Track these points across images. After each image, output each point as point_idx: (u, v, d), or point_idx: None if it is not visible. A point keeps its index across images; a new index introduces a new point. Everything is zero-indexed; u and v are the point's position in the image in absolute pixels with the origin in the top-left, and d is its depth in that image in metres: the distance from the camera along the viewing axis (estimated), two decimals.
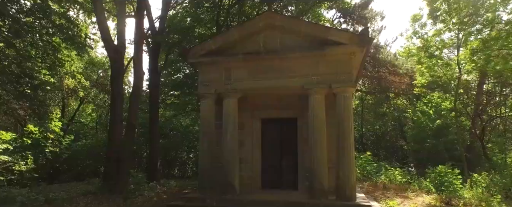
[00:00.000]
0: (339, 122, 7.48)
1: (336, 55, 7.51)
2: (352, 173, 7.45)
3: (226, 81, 8.20)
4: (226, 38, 8.42)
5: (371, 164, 15.67)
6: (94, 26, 16.87)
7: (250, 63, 8.11)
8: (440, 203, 8.26)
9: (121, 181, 9.91)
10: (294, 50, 7.79)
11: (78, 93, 18.46)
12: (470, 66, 12.91)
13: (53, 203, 8.39)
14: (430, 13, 14.52)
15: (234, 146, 8.11)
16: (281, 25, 8.06)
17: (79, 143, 18.51)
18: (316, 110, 7.62)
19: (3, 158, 11.63)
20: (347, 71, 7.46)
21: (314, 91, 7.61)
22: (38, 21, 9.91)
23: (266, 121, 9.25)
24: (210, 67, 8.35)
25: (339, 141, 7.44)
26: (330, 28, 10.07)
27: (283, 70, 7.88)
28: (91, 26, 16.83)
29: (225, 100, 8.20)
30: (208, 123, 8.37)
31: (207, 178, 8.36)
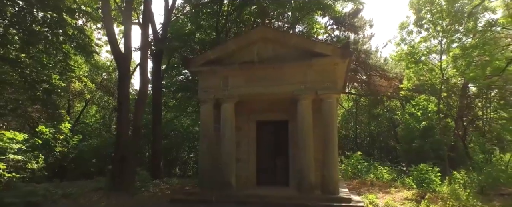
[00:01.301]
0: (325, 125, 8.42)
1: (322, 65, 8.44)
2: (335, 171, 8.40)
3: (224, 88, 9.13)
4: (224, 49, 9.36)
5: (362, 163, 16.63)
6: (99, 32, 17.80)
7: (245, 72, 9.04)
8: (416, 197, 9.19)
9: (128, 178, 10.81)
10: (285, 60, 8.73)
11: (84, 95, 19.37)
12: (452, 72, 13.85)
13: (69, 197, 9.31)
14: (416, 22, 15.47)
15: (231, 148, 9.04)
16: (273, 38, 9.00)
17: (85, 143, 19.41)
18: (304, 114, 8.56)
19: (17, 157, 12.55)
20: (332, 79, 8.40)
21: (303, 97, 8.55)
22: (51, 31, 10.80)
23: (261, 123, 10.19)
24: (209, 75, 9.28)
25: (324, 142, 8.39)
26: (317, 41, 11.05)
27: (275, 78, 8.81)
28: (96, 31, 17.77)
29: (223, 105, 9.13)
30: (207, 126, 9.30)
31: (206, 176, 9.28)
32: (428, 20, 14.78)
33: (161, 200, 9.65)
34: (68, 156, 17.86)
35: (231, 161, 9.06)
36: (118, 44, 11.82)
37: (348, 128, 28.11)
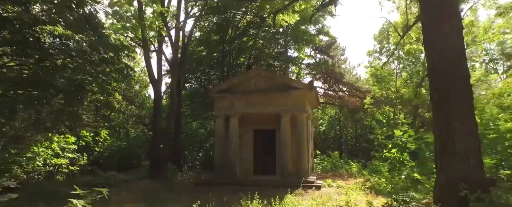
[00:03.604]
0: (298, 134, 12.83)
1: (296, 95, 12.85)
2: (305, 164, 12.80)
3: (231, 108, 13.52)
4: (231, 82, 13.77)
5: (339, 160, 21.17)
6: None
7: (246, 98, 13.43)
8: (362, 181, 13.54)
9: (162, 170, 15.24)
10: (273, 90, 13.12)
11: (114, 106, 23.76)
12: (402, 90, 18.25)
13: (126, 182, 13.68)
14: (380, 50, 19.88)
15: (236, 149, 13.43)
16: (265, 75, 13.40)
17: (115, 145, 23.84)
18: (285, 126, 12.96)
19: (72, 155, 16.97)
20: (302, 104, 12.80)
21: (284, 115, 12.94)
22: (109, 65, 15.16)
23: (257, 132, 14.58)
24: (221, 99, 13.68)
25: (298, 145, 12.78)
26: (293, 79, 15.51)
27: (266, 102, 13.20)
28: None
29: (231, 120, 13.53)
30: (220, 134, 13.71)
31: (219, 168, 13.66)
32: (387, 50, 19.19)
33: (188, 184, 14.04)
34: (103, 154, 22.37)
35: (236, 158, 13.46)
36: (153, 73, 16.24)
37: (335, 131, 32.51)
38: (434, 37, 5.78)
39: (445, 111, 5.32)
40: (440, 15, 5.74)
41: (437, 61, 5.72)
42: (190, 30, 22.39)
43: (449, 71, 5.47)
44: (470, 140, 5.01)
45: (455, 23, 5.61)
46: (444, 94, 5.42)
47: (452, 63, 5.46)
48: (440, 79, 5.61)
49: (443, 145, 5.18)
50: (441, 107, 5.42)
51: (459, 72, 5.43)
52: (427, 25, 6.12)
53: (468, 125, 5.08)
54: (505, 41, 13.64)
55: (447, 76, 5.46)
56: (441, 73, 5.61)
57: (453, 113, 5.18)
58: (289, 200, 8.08)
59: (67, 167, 16.67)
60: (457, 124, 5.05)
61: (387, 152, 8.70)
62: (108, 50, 14.53)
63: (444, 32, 5.57)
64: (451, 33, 5.54)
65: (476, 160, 4.97)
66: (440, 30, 5.65)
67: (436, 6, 5.80)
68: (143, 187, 12.99)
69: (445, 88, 5.46)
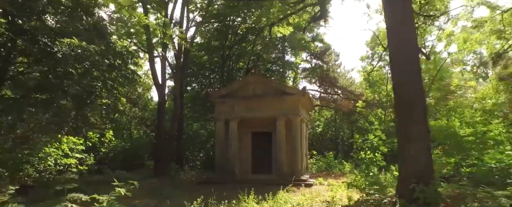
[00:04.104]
0: (293, 136, 13.89)
1: (290, 100, 13.91)
2: (298, 164, 13.87)
3: (231, 112, 14.59)
4: (231, 87, 14.84)
5: (333, 160, 22.27)
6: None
7: (245, 102, 14.49)
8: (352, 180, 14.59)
9: (166, 169, 16.31)
10: (269, 96, 14.18)
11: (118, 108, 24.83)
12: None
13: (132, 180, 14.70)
14: (372, 56, 20.97)
15: (235, 150, 14.50)
16: (262, 81, 14.48)
17: (119, 145, 24.90)
18: (280, 129, 14.02)
19: (80, 155, 18.04)
20: (296, 108, 13.87)
21: (279, 119, 14.01)
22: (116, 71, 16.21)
23: (255, 134, 15.64)
24: (222, 104, 14.75)
25: (292, 146, 13.85)
26: (287, 86, 16.62)
27: (263, 107, 14.27)
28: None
29: (230, 123, 14.59)
30: (220, 136, 14.78)
31: (220, 168, 14.72)
32: (379, 55, 20.26)
33: (190, 183, 15.11)
34: (108, 155, 23.46)
35: (236, 159, 14.52)
36: (157, 78, 17.31)
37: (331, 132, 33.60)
38: (396, 57, 6.86)
39: (403, 118, 6.40)
40: (401, 41, 6.82)
41: (397, 74, 6.80)
42: (192, 36, 23.48)
43: (406, 83, 6.53)
44: (421, 144, 6.06)
45: (412, 46, 6.70)
46: (402, 104, 6.49)
47: (408, 76, 6.52)
48: (399, 90, 6.68)
49: (402, 148, 6.26)
50: (401, 114, 6.50)
51: (414, 84, 6.49)
52: (390, 48, 7.21)
53: (420, 131, 6.13)
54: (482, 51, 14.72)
55: (405, 89, 6.53)
56: (400, 85, 6.68)
57: (409, 120, 6.25)
58: (281, 196, 9.14)
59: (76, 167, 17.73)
60: (412, 129, 6.12)
61: (363, 153, 9.78)
62: (115, 57, 15.62)
63: (403, 56, 6.65)
64: (408, 56, 6.62)
65: (426, 160, 6.03)
66: (399, 54, 6.74)
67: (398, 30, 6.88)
68: (149, 185, 14.04)
69: (403, 99, 6.53)
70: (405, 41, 6.64)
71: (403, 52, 6.63)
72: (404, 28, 6.67)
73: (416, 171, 5.83)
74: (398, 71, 6.79)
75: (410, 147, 6.05)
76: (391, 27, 7.01)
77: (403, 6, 6.74)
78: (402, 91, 6.59)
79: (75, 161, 17.51)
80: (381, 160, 8.71)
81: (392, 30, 7.00)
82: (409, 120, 6.23)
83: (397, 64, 6.84)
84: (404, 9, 6.77)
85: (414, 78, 6.49)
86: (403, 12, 6.72)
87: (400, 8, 6.71)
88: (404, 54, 6.61)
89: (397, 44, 6.81)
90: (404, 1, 6.75)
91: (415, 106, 6.30)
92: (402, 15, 6.70)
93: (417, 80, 6.54)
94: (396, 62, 6.90)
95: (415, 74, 6.54)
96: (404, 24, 6.65)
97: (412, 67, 6.54)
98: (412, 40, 6.80)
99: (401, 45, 6.70)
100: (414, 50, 6.81)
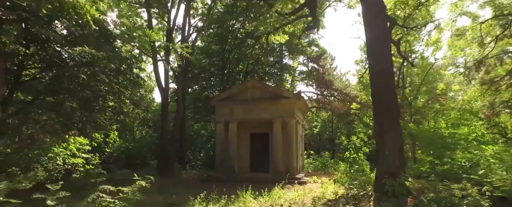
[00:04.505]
0: (288, 137, 14.84)
1: (286, 103, 14.86)
2: (293, 163, 14.82)
3: (230, 115, 15.53)
4: (230, 92, 15.79)
5: (329, 160, 23.23)
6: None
7: (243, 105, 15.44)
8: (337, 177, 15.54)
9: (169, 168, 17.24)
10: (266, 99, 15.13)
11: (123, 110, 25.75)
12: None
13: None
14: (365, 59, 21.87)
15: (235, 150, 15.45)
16: (259, 86, 15.42)
17: (123, 145, 25.86)
18: (277, 130, 14.97)
19: (86, 155, 18.96)
20: (291, 111, 14.82)
21: (276, 121, 14.96)
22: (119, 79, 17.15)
23: (253, 135, 16.59)
24: (222, 107, 15.69)
25: (288, 147, 14.79)
26: (283, 90, 17.54)
27: (261, 110, 15.21)
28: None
29: (230, 125, 15.53)
30: (221, 137, 15.72)
31: (220, 167, 15.68)
32: None
33: (193, 180, 16.05)
34: (113, 154, 24.43)
35: (235, 158, 15.47)
36: (161, 82, 18.24)
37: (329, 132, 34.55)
38: (374, 74, 7.84)
39: (380, 124, 7.35)
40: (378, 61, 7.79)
41: (375, 87, 7.76)
42: (193, 40, 24.40)
43: (382, 96, 7.50)
44: (395, 145, 7.00)
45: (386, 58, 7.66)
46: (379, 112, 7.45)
47: (384, 91, 7.48)
48: (377, 101, 7.64)
49: (379, 149, 7.20)
50: (378, 121, 7.45)
51: (389, 97, 7.44)
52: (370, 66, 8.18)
53: (394, 135, 7.08)
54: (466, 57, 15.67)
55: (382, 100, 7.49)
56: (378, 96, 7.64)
57: (384, 124, 7.20)
58: (275, 192, 10.09)
59: (83, 166, 18.67)
60: (387, 131, 7.06)
61: (348, 153, 10.73)
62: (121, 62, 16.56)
63: (378, 66, 7.62)
64: (384, 73, 7.60)
65: (398, 159, 6.97)
66: (377, 71, 7.70)
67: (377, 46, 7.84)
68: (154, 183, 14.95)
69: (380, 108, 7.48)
70: (382, 61, 7.62)
71: (380, 70, 7.61)
72: (381, 51, 7.67)
73: (390, 169, 6.78)
74: (376, 86, 7.76)
75: (385, 149, 6.99)
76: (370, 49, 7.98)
77: (379, 34, 7.74)
78: (379, 101, 7.54)
79: (82, 160, 18.46)
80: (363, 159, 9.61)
81: (371, 51, 7.98)
82: (384, 126, 7.18)
83: (375, 80, 7.81)
84: (381, 37, 7.76)
85: (389, 92, 7.46)
86: (381, 39, 7.71)
87: (378, 36, 7.69)
88: (380, 72, 7.59)
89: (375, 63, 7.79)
90: (380, 30, 7.76)
91: (390, 114, 7.26)
92: (380, 43, 7.71)
93: (392, 94, 7.52)
94: (374, 79, 7.85)
95: (389, 89, 7.51)
96: (381, 48, 7.66)
97: (388, 83, 7.51)
98: (388, 60, 7.79)
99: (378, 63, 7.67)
100: (389, 70, 7.81)
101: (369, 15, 7.96)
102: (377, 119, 7.55)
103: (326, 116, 30.96)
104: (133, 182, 5.96)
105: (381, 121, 7.34)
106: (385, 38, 7.86)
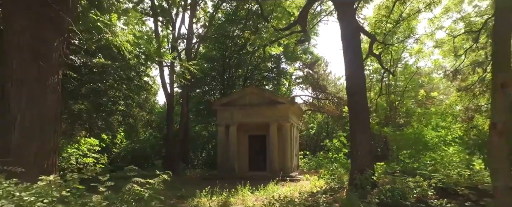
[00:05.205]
0: (283, 138, 16.38)
1: (281, 108, 16.40)
2: (288, 162, 16.36)
3: (231, 118, 17.07)
4: (231, 97, 17.34)
5: (322, 160, 24.74)
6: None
7: (242, 110, 16.98)
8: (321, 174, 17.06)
9: (175, 167, 18.78)
10: (262, 104, 16.67)
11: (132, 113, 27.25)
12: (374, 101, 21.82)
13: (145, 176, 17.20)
14: None
15: (234, 151, 16.98)
16: (257, 93, 16.97)
17: (130, 146, 27.37)
18: (273, 133, 16.50)
19: (96, 155, 20.47)
20: (286, 115, 16.36)
21: (272, 124, 16.49)
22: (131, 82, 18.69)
23: (251, 137, 18.13)
24: (223, 111, 17.23)
25: (283, 147, 16.33)
26: (278, 96, 19.11)
27: (258, 114, 16.75)
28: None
29: (230, 127, 17.07)
30: (221, 139, 17.27)
31: (221, 166, 17.21)
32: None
33: (196, 178, 17.57)
34: (119, 155, 25.96)
35: (235, 158, 17.00)
36: (167, 88, 19.80)
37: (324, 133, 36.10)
38: (350, 88, 9.39)
39: (353, 128, 8.88)
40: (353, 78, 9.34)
41: (351, 99, 9.31)
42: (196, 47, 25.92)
43: (356, 106, 9.02)
44: (365, 147, 8.52)
45: (360, 83, 9.26)
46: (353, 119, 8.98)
47: (358, 107, 9.02)
48: (352, 110, 9.18)
49: (352, 149, 8.72)
50: (352, 126, 8.99)
51: (361, 107, 8.97)
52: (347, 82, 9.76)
53: (364, 138, 8.60)
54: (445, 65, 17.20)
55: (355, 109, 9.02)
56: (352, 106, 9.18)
57: (357, 127, 8.73)
58: (270, 187, 11.63)
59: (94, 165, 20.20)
60: (358, 135, 8.59)
61: (330, 153, 12.29)
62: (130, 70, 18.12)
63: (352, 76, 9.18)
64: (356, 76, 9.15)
65: (368, 158, 8.49)
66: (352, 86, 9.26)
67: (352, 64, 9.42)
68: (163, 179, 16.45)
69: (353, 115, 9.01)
70: (356, 77, 9.19)
71: (354, 85, 9.19)
72: (355, 69, 9.24)
73: (360, 166, 8.30)
74: (351, 100, 9.32)
75: (357, 149, 8.51)
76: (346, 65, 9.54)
77: (354, 56, 9.32)
78: (353, 110, 9.08)
79: (93, 160, 20.00)
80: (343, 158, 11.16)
81: (347, 67, 9.55)
82: (356, 131, 8.71)
83: (350, 94, 9.39)
84: (355, 59, 9.34)
85: (361, 105, 9.02)
86: (355, 61, 9.30)
87: (353, 58, 9.27)
88: (354, 87, 9.17)
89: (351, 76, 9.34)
90: (354, 50, 9.32)
91: (361, 122, 8.80)
92: (355, 64, 9.30)
93: (363, 107, 9.08)
94: (349, 94, 9.42)
95: (361, 103, 9.07)
96: (356, 68, 9.26)
97: (361, 98, 9.09)
98: (361, 77, 9.38)
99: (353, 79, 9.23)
100: (362, 85, 9.41)
101: (345, 37, 9.49)
102: (351, 125, 9.09)
103: (322, 118, 32.50)
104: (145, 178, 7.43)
105: (354, 127, 8.87)
106: (359, 57, 9.40)
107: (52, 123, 5.66)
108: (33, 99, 5.33)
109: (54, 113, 5.70)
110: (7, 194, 3.87)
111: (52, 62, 5.57)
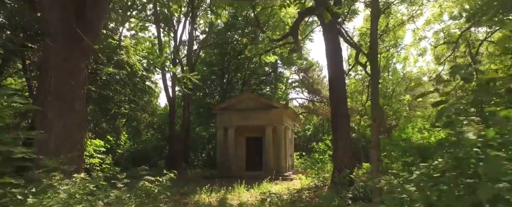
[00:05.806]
0: (278, 140, 17.59)
1: (276, 112, 17.62)
2: (282, 163, 17.57)
3: (229, 121, 18.28)
4: (229, 102, 18.57)
5: (311, 160, 25.95)
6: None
7: (240, 114, 18.19)
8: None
9: (177, 166, 19.99)
10: (259, 109, 17.88)
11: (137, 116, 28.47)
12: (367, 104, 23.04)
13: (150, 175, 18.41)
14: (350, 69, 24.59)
15: (233, 151, 18.19)
16: (254, 98, 18.20)
17: (133, 147, 28.58)
18: (268, 135, 17.72)
19: (102, 156, 21.65)
20: (280, 119, 17.57)
21: (267, 127, 17.71)
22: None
23: (248, 138, 19.34)
24: (222, 115, 18.44)
25: (278, 148, 17.54)
26: (273, 101, 20.36)
27: (255, 117, 17.96)
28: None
29: (229, 130, 18.28)
30: (221, 141, 18.48)
31: (220, 166, 18.42)
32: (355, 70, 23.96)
33: (197, 177, 18.75)
34: (123, 155, 27.17)
35: (233, 158, 18.22)
36: (169, 91, 21.03)
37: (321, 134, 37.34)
38: (333, 96, 10.60)
39: (335, 133, 10.10)
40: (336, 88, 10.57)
41: (334, 105, 10.54)
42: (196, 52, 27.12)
43: (338, 113, 10.24)
44: (345, 149, 9.74)
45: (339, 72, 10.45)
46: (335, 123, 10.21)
47: (340, 115, 10.25)
48: (334, 116, 10.40)
49: (334, 152, 9.93)
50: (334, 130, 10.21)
51: (342, 114, 10.19)
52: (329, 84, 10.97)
53: (345, 141, 9.82)
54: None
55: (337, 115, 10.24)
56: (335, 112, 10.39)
57: (338, 133, 9.96)
58: (264, 185, 12.83)
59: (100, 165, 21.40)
60: (339, 140, 9.81)
61: (317, 155, 13.49)
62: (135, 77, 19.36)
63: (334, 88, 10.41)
64: (338, 88, 10.41)
65: (348, 159, 9.70)
66: (335, 93, 10.48)
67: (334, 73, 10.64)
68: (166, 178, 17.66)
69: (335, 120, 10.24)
70: (339, 89, 10.44)
71: (337, 97, 10.43)
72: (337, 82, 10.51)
73: (341, 166, 9.52)
74: (334, 109, 10.55)
75: (338, 151, 9.73)
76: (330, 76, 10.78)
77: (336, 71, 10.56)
78: (335, 118, 10.32)
79: (99, 160, 21.21)
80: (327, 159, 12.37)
81: (330, 82, 10.81)
82: (338, 136, 9.94)
83: (333, 105, 10.62)
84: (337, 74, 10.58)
85: (342, 115, 10.25)
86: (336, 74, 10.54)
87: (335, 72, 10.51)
88: (337, 98, 10.41)
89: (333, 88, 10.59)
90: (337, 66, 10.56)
91: (342, 127, 10.02)
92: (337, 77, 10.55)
93: (344, 114, 10.33)
94: (332, 105, 10.65)
95: (343, 113, 10.29)
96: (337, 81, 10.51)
97: (342, 108, 10.32)
98: (342, 89, 10.65)
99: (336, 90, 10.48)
100: (343, 95, 10.64)
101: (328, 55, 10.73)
102: (333, 131, 10.32)
103: (318, 120, 33.74)
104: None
105: (336, 133, 10.10)
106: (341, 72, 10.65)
107: (80, 129, 6.86)
108: (66, 109, 6.53)
109: (81, 120, 6.90)
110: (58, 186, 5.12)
111: (79, 80, 6.78)
